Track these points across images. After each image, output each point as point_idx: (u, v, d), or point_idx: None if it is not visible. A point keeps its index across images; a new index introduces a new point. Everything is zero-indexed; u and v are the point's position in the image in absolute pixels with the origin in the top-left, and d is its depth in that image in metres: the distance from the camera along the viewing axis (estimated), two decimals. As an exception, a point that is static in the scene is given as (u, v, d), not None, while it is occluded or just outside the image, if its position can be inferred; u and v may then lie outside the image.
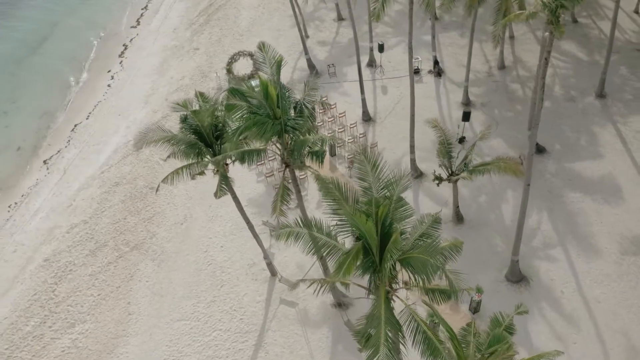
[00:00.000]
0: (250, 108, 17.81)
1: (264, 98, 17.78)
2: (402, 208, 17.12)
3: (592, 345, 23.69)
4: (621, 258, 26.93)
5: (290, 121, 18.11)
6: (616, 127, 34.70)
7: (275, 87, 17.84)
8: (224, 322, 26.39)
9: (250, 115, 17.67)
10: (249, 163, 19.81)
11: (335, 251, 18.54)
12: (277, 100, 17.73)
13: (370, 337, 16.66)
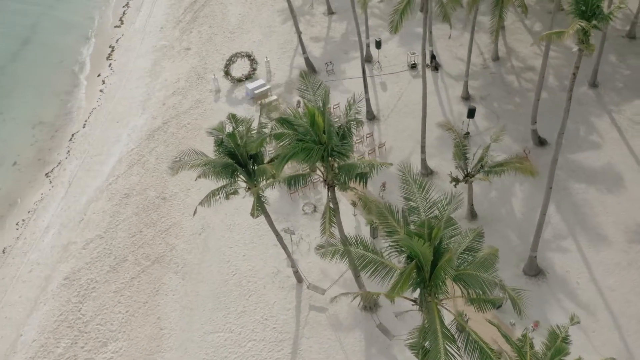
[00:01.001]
0: (297, 135, 18.26)
1: (310, 125, 18.24)
2: (451, 227, 17.94)
3: (609, 332, 25.29)
4: (628, 246, 28.56)
5: (336, 147, 18.66)
6: (611, 116, 36.23)
7: (322, 115, 18.29)
8: (258, 332, 27.06)
9: (297, 143, 18.13)
10: (295, 187, 20.29)
11: (382, 267, 19.33)
12: (323, 126, 18.23)
13: (427, 351, 17.63)
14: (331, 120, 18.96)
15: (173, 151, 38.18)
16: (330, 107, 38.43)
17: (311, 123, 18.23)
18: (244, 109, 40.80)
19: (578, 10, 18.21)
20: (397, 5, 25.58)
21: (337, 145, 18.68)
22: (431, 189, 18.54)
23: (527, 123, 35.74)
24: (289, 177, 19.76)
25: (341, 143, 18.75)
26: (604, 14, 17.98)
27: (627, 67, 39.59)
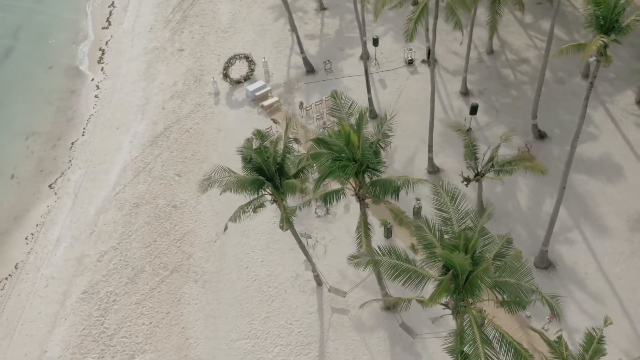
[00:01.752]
0: (333, 154, 18.83)
1: (345, 144, 18.81)
2: (485, 237, 18.81)
3: (620, 320, 26.68)
4: (631, 235, 30.00)
5: (372, 164, 19.30)
6: (605, 107, 37.51)
7: (357, 134, 18.87)
8: (283, 336, 27.80)
9: (333, 162, 18.71)
10: (330, 203, 20.87)
11: (416, 275, 20.17)
12: (358, 145, 18.82)
13: (467, 356, 18.59)
14: (366, 139, 19.52)
15: (178, 157, 38.39)
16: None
17: (346, 142, 18.81)
18: (245, 111, 40.98)
19: (597, 24, 19.05)
20: (411, 15, 26.09)
21: (373, 163, 19.32)
22: (463, 200, 19.28)
23: (526, 116, 36.81)
24: (325, 194, 20.33)
25: (376, 161, 19.38)
26: (622, 26, 18.83)
27: (617, 57, 40.75)
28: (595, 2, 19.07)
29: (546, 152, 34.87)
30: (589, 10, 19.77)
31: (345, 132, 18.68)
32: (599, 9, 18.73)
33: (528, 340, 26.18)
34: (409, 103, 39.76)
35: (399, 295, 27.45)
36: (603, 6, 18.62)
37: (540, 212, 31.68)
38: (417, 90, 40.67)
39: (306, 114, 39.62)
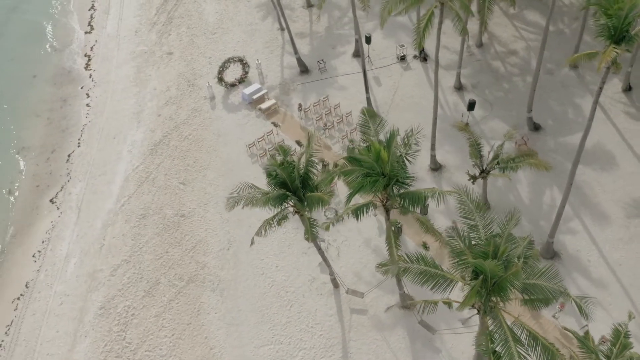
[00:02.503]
0: (364, 171, 19.50)
1: (374, 160, 19.47)
2: (511, 242, 19.80)
3: (623, 303, 28.28)
4: (628, 222, 31.56)
5: (401, 178, 20.06)
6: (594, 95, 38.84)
7: (388, 151, 19.54)
8: (306, 340, 28.58)
9: (364, 178, 19.38)
10: (360, 217, 21.55)
11: (444, 280, 21.14)
12: (388, 160, 19.52)
13: (499, 356, 19.67)
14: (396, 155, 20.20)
15: (180, 165, 38.44)
16: (331, 108, 39.66)
17: (376, 158, 19.48)
18: (243, 114, 41.11)
19: (608, 34, 20.00)
20: (419, 22, 26.70)
21: (402, 177, 20.07)
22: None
23: (519, 109, 37.99)
24: (356, 209, 21.00)
25: (406, 176, 20.13)
26: (631, 35, 19.83)
27: (601, 45, 42.13)
28: (607, 15, 19.99)
29: (542, 144, 36.12)
30: (599, 22, 20.72)
31: (376, 150, 19.33)
32: (610, 20, 19.67)
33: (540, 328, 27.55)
34: (404, 100, 40.48)
35: (416, 293, 28.61)
36: (614, 18, 19.56)
37: (542, 204, 32.99)
38: (411, 86, 41.42)
39: (305, 116, 39.97)
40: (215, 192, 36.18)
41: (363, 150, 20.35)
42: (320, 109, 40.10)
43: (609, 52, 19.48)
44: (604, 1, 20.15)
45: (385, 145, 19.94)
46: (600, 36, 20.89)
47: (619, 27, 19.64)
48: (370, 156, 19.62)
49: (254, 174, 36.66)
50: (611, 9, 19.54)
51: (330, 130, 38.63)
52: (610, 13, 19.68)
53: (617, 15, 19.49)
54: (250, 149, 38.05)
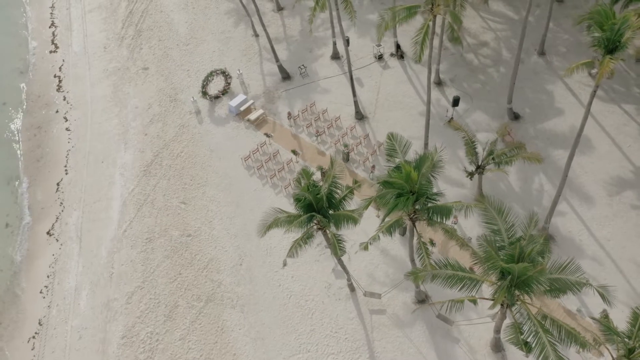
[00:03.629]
0: (396, 192, 20.80)
1: (405, 180, 20.78)
2: (532, 242, 21.64)
3: (616, 276, 30.89)
4: (610, 199, 34.26)
5: (431, 195, 21.49)
6: (563, 81, 41.39)
7: (418, 171, 20.86)
8: (332, 345, 29.93)
9: (397, 199, 20.70)
10: (391, 233, 22.82)
11: (471, 281, 22.88)
12: (417, 180, 20.89)
13: (531, 346, 21.61)
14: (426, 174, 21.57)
15: (177, 184, 38.60)
16: (320, 113, 40.54)
17: (406, 179, 20.79)
18: (232, 127, 41.46)
19: (603, 45, 21.80)
20: (416, 37, 27.97)
21: (431, 194, 21.51)
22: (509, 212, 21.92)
23: (498, 99, 40.08)
24: (388, 227, 22.27)
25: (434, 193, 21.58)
26: (623, 44, 21.70)
27: (564, 31, 44.77)
28: (602, 28, 21.81)
29: (523, 132, 38.35)
30: (593, 33, 22.55)
31: (406, 171, 20.63)
32: (605, 33, 21.50)
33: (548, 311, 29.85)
34: (388, 99, 41.82)
35: (430, 289, 30.38)
36: (608, 31, 21.38)
37: (531, 190, 35.26)
38: (393, 85, 42.77)
39: (294, 123, 40.71)
40: (217, 208, 36.66)
41: (392, 171, 21.61)
42: (308, 115, 40.93)
43: (607, 63, 21.31)
44: (598, 17, 21.95)
45: (415, 166, 21.26)
46: (594, 46, 22.71)
47: (612, 39, 21.48)
48: (401, 176, 20.89)
49: (253, 186, 37.37)
50: (606, 24, 21.35)
51: (322, 136, 39.52)
52: (604, 28, 21.49)
53: (611, 28, 21.33)
54: (245, 161, 38.57)
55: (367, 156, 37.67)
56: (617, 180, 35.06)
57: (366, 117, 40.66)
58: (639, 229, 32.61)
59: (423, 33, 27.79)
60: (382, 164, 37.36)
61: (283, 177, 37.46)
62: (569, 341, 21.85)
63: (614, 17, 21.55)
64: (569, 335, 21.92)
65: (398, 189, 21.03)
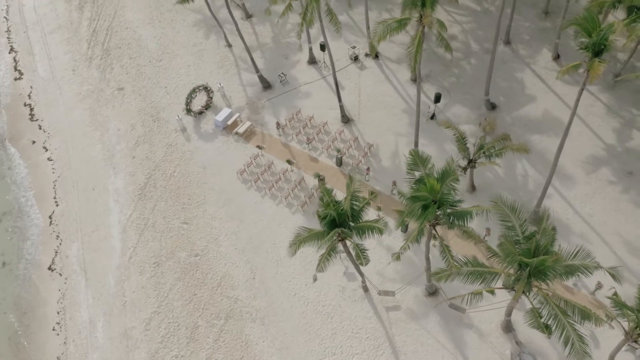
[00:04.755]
0: (421, 203, 22.37)
1: (429, 192, 22.36)
2: (545, 235, 23.72)
3: (603, 249, 33.68)
4: (588, 178, 37.06)
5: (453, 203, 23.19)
6: (530, 68, 43.93)
7: (440, 184, 22.45)
8: (355, 345, 31.48)
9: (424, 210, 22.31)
10: (419, 241, 24.37)
11: (490, 275, 24.88)
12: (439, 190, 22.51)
13: (551, 328, 23.79)
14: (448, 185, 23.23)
15: (176, 205, 38.86)
16: (307, 120, 41.51)
17: (430, 191, 22.38)
18: (220, 141, 41.85)
19: (590, 48, 23.82)
20: (410, 48, 29.37)
21: (454, 202, 23.21)
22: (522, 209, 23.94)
23: (473, 91, 42.17)
24: (415, 236, 23.82)
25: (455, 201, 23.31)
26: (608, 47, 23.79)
27: (524, 19, 47.25)
28: (588, 34, 23.85)
29: (501, 121, 40.63)
30: (580, 38, 24.57)
31: (430, 184, 22.22)
32: (591, 39, 23.54)
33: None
34: (370, 100, 43.20)
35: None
36: (594, 37, 23.43)
37: (516, 176, 37.63)
38: (372, 85, 44.15)
39: (283, 132, 41.50)
40: (221, 225, 37.27)
41: (415, 185, 23.21)
42: (295, 122, 41.80)
43: (597, 67, 23.39)
44: (585, 23, 23.97)
45: (438, 178, 22.87)
46: (581, 50, 24.76)
47: (598, 43, 23.57)
48: (426, 189, 22.47)
49: (253, 199, 38.14)
50: (593, 31, 23.41)
51: (312, 143, 40.53)
52: (591, 34, 23.55)
53: (597, 34, 23.38)
54: (241, 175, 39.20)
55: (359, 159, 39.05)
56: (591, 158, 37.91)
57: (352, 119, 41.92)
58: (616, 203, 35.54)
59: (416, 45, 29.20)
60: (374, 165, 38.85)
61: (281, 187, 38.37)
62: (584, 319, 24.20)
63: (599, 25, 23.63)
64: (582, 313, 24.22)
65: (423, 201, 22.56)
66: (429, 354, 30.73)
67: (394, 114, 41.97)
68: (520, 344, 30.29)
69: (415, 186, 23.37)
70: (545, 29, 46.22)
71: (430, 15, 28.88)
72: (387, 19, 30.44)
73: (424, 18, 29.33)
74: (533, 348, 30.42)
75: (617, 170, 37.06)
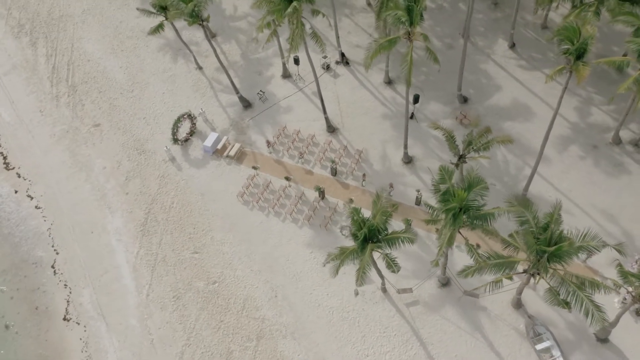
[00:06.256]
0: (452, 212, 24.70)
1: (458, 202, 24.72)
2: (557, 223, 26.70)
3: (585, 220, 37.35)
4: (560, 156, 40.71)
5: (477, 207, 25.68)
6: (491, 58, 47.14)
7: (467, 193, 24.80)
8: (385, 344, 33.68)
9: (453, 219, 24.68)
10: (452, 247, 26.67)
11: (509, 264, 27.73)
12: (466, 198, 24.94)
13: (570, 304, 26.88)
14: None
15: (182, 236, 39.40)
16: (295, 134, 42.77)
17: (460, 200, 24.75)
18: (213, 166, 42.46)
19: (572, 53, 26.71)
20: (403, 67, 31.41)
21: (478, 207, 25.68)
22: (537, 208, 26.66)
23: (445, 87, 44.80)
24: (449, 241, 26.09)
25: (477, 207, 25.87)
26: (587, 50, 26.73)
27: (477, 11, 50.33)
28: (569, 40, 26.79)
29: (474, 112, 43.60)
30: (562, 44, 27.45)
31: (460, 194, 24.58)
32: (573, 45, 26.49)
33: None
34: (350, 107, 44.99)
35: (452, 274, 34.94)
36: (577, 43, 26.40)
37: (499, 162, 40.70)
38: (349, 92, 45.92)
39: (274, 150, 42.58)
40: (231, 249, 38.22)
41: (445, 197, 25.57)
42: (283, 138, 42.99)
43: (583, 70, 26.37)
44: (566, 33, 26.91)
45: (466, 188, 25.31)
46: (564, 54, 27.69)
47: (579, 48, 26.56)
48: (456, 200, 24.84)
49: (258, 219, 39.29)
50: (575, 39, 26.41)
51: (304, 156, 41.93)
52: (572, 41, 26.53)
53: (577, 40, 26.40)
54: (242, 197, 40.14)
55: (352, 166, 40.90)
56: (560, 138, 41.61)
57: (337, 128, 43.60)
58: (590, 175, 39.44)
59: (409, 63, 31.29)
60: (367, 170, 40.82)
61: (283, 203, 39.67)
62: (594, 290, 27.46)
63: (579, 33, 26.61)
64: (592, 285, 27.50)
65: (452, 210, 24.92)
66: (453, 340, 33.44)
67: (374, 118, 44.01)
68: (532, 316, 33.52)
69: (443, 198, 25.71)
70: (497, 19, 49.50)
71: (417, 32, 30.90)
72: (378, 39, 32.27)
73: (412, 35, 31.33)
74: (542, 318, 33.72)
75: (584, 146, 40.96)
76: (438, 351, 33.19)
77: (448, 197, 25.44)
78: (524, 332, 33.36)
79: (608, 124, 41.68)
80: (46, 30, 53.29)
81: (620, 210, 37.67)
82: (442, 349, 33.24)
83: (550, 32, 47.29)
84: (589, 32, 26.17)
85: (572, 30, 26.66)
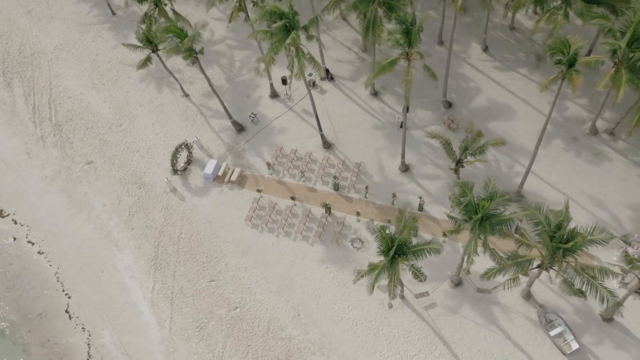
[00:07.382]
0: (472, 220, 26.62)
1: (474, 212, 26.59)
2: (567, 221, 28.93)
3: (578, 209, 39.85)
4: (544, 150, 43.21)
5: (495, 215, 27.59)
6: (467, 62, 49.50)
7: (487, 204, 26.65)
8: (410, 348, 35.26)
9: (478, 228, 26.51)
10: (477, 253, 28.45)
11: (526, 262, 29.82)
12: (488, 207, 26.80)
13: (584, 292, 29.21)
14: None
15: (196, 265, 39.84)
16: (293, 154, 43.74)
17: (481, 208, 26.61)
18: (215, 193, 42.97)
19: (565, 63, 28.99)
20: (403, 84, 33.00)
21: (496, 216, 27.60)
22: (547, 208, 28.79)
23: (430, 94, 46.67)
24: (474, 249, 27.85)
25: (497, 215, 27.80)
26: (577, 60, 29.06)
27: (447, 17, 52.58)
28: (561, 51, 29.10)
29: (459, 116, 45.75)
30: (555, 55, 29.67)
31: (482, 204, 26.39)
32: (565, 57, 28.81)
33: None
34: (341, 121, 46.34)
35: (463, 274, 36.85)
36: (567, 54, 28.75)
37: (490, 162, 42.93)
38: (338, 106, 47.25)
39: (274, 171, 43.43)
40: (248, 274, 38.93)
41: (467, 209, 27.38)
42: (281, 158, 43.91)
43: (576, 78, 28.67)
44: (559, 46, 29.20)
45: (487, 199, 27.10)
46: (557, 63, 29.93)
47: (570, 58, 28.91)
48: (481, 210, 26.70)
49: (269, 241, 40.14)
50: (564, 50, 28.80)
51: (305, 174, 43.02)
52: (563, 52, 28.87)
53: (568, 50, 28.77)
54: (250, 222, 40.85)
55: (352, 180, 42.28)
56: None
57: (332, 143, 44.86)
58: (574, 166, 42.22)
59: (408, 82, 32.98)
60: (368, 182, 42.25)
61: (291, 223, 40.64)
62: (603, 277, 29.87)
63: (570, 46, 29.00)
64: (601, 272, 29.92)
65: (477, 221, 26.77)
66: (474, 336, 35.37)
67: (366, 130, 45.52)
68: (542, 305, 35.85)
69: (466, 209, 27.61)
70: (467, 23, 51.93)
71: (415, 52, 32.59)
72: (381, 60, 33.86)
73: (410, 55, 32.99)
74: (550, 306, 36.08)
75: (565, 139, 43.75)
76: (461, 349, 35.04)
77: (470, 208, 27.23)
78: (537, 320, 35.63)
79: (583, 116, 44.61)
80: (19, 70, 52.21)
81: (606, 195, 40.54)
82: (465, 346, 35.11)
83: (518, 33, 50.38)
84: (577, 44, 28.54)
85: (563, 44, 28.99)
